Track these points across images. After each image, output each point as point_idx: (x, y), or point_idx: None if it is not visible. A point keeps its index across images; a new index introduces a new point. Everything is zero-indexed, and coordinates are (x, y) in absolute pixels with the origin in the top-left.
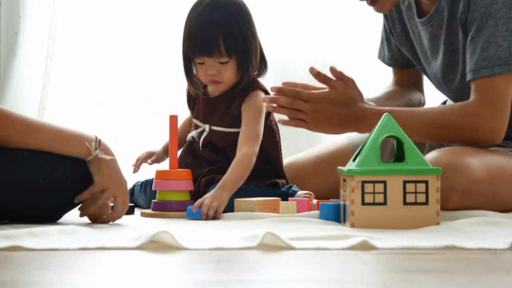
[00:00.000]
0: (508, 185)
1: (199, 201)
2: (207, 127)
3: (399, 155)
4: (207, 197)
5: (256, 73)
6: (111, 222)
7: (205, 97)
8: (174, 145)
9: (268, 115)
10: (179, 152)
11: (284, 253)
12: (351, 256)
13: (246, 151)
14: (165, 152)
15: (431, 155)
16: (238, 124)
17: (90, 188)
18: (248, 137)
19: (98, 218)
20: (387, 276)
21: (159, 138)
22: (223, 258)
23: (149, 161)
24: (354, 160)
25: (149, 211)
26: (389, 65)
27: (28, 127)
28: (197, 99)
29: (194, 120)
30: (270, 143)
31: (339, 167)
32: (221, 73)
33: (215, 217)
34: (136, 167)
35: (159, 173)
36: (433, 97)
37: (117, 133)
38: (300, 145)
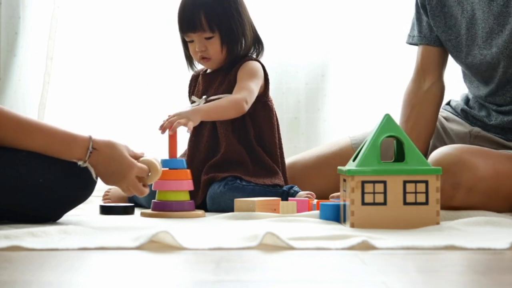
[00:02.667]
0: None
1: (167, 118)
2: (203, 98)
3: (399, 155)
4: (175, 113)
5: (252, 53)
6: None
7: (204, 74)
8: (174, 145)
9: (265, 91)
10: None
11: (284, 253)
12: (351, 256)
13: (238, 96)
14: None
15: (440, 151)
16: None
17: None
18: (241, 88)
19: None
20: (387, 276)
21: (159, 138)
22: (223, 258)
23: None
24: (354, 160)
25: (149, 211)
26: (417, 42)
27: (21, 127)
28: (197, 82)
29: (192, 97)
30: (265, 120)
31: (339, 167)
32: (207, 49)
33: None
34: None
35: None
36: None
37: (117, 133)
38: (300, 145)
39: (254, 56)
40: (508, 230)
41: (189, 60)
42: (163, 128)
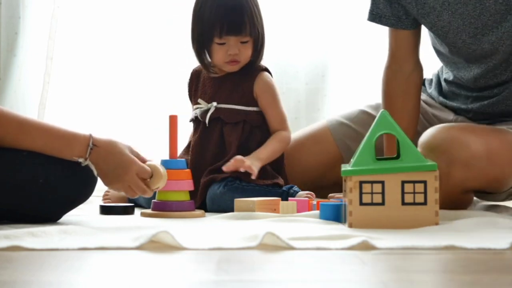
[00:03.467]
0: (507, 162)
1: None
2: (214, 104)
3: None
4: (241, 158)
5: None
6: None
7: (212, 76)
8: (174, 145)
9: None
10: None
11: (284, 253)
12: (351, 256)
13: (285, 134)
14: None
15: (429, 132)
16: (247, 103)
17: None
18: (280, 121)
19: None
20: (387, 276)
21: (159, 138)
22: (223, 258)
23: None
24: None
25: (149, 211)
26: (390, 24)
27: (21, 128)
28: (200, 82)
29: (199, 100)
30: (267, 126)
31: (343, 168)
32: (241, 52)
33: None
34: None
35: None
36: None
37: (118, 133)
38: None
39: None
40: (508, 230)
41: (201, 59)
42: (228, 168)
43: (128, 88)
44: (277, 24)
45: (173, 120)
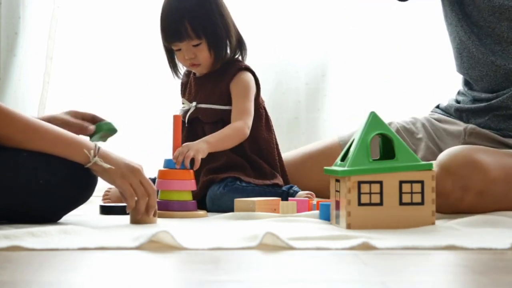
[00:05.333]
0: None
1: (178, 150)
2: (193, 104)
3: (385, 153)
4: (184, 146)
5: (237, 55)
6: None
7: (195, 76)
8: (178, 144)
9: (257, 98)
10: None
11: (284, 253)
12: (351, 256)
13: (239, 123)
14: None
15: (448, 152)
16: (225, 102)
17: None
18: (240, 112)
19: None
20: (387, 276)
21: (161, 138)
22: (223, 258)
23: None
24: (342, 160)
25: None
26: None
27: (29, 127)
28: (188, 83)
29: (182, 100)
30: (259, 127)
31: (325, 167)
32: (197, 56)
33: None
34: None
35: (162, 173)
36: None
37: (118, 133)
38: (300, 145)
39: (240, 57)
40: (508, 230)
41: (174, 68)
42: (178, 162)
43: (129, 88)
44: (278, 24)
45: (177, 120)
